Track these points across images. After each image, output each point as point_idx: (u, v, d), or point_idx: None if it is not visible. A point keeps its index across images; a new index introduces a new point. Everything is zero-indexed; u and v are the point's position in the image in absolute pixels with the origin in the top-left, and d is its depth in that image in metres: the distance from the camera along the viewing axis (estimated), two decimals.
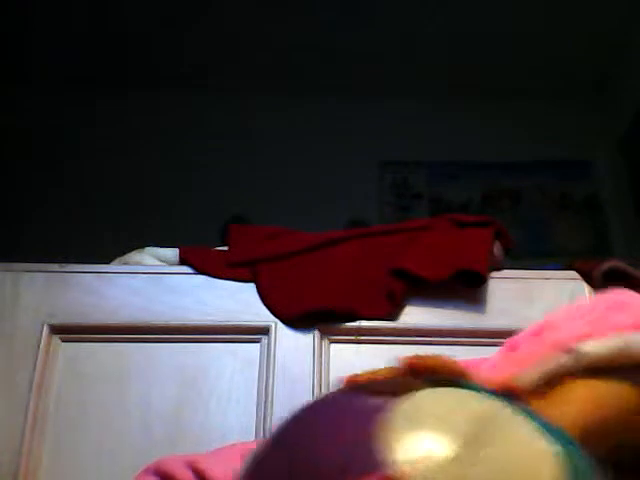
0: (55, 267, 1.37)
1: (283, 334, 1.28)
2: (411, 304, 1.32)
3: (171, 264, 1.44)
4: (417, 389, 0.38)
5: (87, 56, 3.11)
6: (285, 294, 1.33)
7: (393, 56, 3.11)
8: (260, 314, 1.30)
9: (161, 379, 1.26)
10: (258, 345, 1.28)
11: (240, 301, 1.33)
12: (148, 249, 1.48)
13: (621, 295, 0.59)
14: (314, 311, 1.29)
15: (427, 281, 1.30)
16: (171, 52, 3.10)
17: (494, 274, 1.32)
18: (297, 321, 1.29)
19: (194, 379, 1.26)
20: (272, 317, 1.30)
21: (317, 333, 1.28)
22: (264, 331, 1.29)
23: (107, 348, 1.29)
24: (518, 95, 3.20)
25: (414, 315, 1.30)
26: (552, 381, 0.52)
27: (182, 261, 1.43)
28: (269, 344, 1.27)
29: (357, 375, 0.44)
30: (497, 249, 1.39)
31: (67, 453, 1.19)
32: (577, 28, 2.94)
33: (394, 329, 1.28)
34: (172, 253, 1.46)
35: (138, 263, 1.44)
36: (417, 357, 0.43)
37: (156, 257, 1.46)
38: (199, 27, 2.98)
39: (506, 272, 1.34)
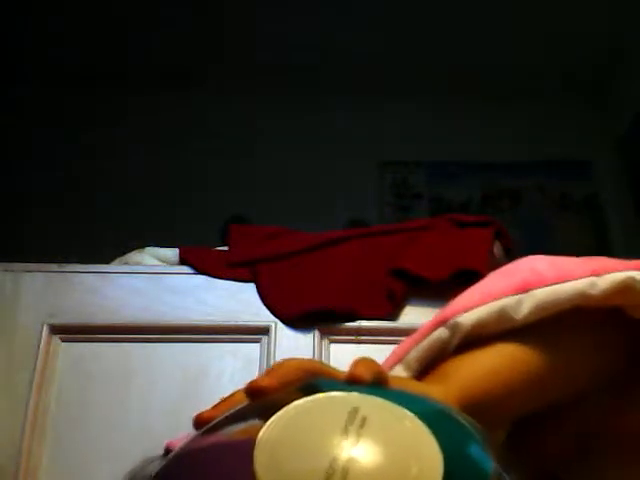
0: (55, 267, 1.37)
1: (283, 334, 1.28)
2: (411, 304, 1.32)
3: (171, 264, 1.44)
4: (270, 410, 0.36)
5: (87, 56, 3.11)
6: (285, 294, 1.33)
7: (393, 56, 3.11)
8: (260, 314, 1.30)
9: (162, 379, 1.26)
10: (258, 345, 1.28)
11: (240, 301, 1.33)
12: (148, 249, 1.48)
13: (518, 261, 0.58)
14: (314, 311, 1.29)
15: (427, 281, 1.30)
16: (171, 52, 3.10)
17: None
18: (297, 321, 1.29)
19: (195, 379, 1.26)
20: (272, 317, 1.30)
21: (317, 333, 1.28)
22: (264, 331, 1.29)
23: (107, 348, 1.29)
24: (518, 95, 3.19)
25: (414, 315, 1.30)
26: (437, 358, 0.51)
27: (182, 261, 1.43)
28: (269, 344, 1.27)
29: (206, 412, 0.40)
30: (497, 249, 1.39)
31: (67, 453, 1.19)
32: (577, 28, 2.94)
33: (394, 329, 1.28)
34: (172, 253, 1.46)
35: (138, 263, 1.44)
36: (261, 377, 0.39)
37: (156, 257, 1.46)
38: (199, 27, 2.98)
39: None
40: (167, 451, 0.54)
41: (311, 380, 0.40)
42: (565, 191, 3.19)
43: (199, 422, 0.39)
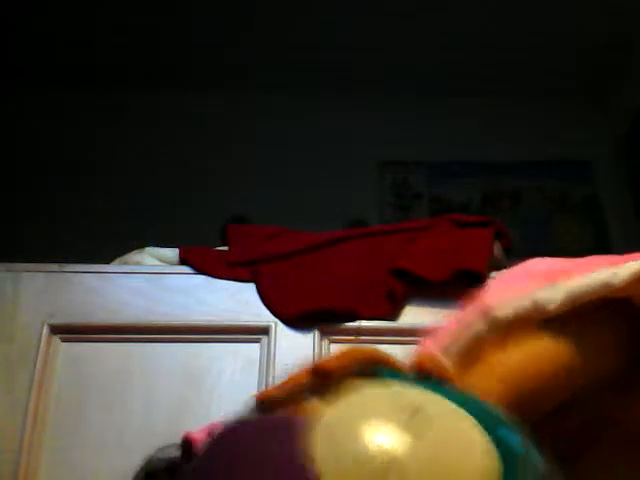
0: (55, 267, 1.37)
1: (283, 334, 1.28)
2: (411, 304, 1.32)
3: (171, 264, 1.44)
4: (331, 393, 0.37)
5: (87, 56, 3.11)
6: (285, 294, 1.33)
7: (393, 56, 3.11)
8: (260, 314, 1.31)
9: (162, 379, 1.26)
10: (258, 345, 1.28)
11: (240, 301, 1.33)
12: (148, 249, 1.48)
13: (526, 263, 0.59)
14: (314, 311, 1.29)
15: (427, 281, 1.30)
16: (172, 52, 3.10)
17: (494, 274, 1.32)
18: (297, 321, 1.29)
19: (195, 379, 1.26)
20: (272, 317, 1.30)
21: (317, 333, 1.28)
22: (264, 331, 1.29)
23: (107, 348, 1.29)
24: (518, 95, 3.20)
25: (414, 315, 1.30)
26: (476, 351, 0.51)
27: (182, 261, 1.43)
28: (269, 344, 1.27)
29: (267, 390, 0.41)
30: (497, 249, 1.39)
31: (67, 453, 1.19)
32: (578, 28, 2.94)
33: (394, 329, 1.28)
34: (172, 253, 1.46)
35: (138, 263, 1.44)
36: (328, 360, 0.41)
37: (156, 257, 1.46)
38: (198, 27, 2.98)
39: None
40: (184, 441, 0.54)
41: (375, 368, 0.41)
42: (565, 191, 3.19)
43: (261, 399, 0.40)
